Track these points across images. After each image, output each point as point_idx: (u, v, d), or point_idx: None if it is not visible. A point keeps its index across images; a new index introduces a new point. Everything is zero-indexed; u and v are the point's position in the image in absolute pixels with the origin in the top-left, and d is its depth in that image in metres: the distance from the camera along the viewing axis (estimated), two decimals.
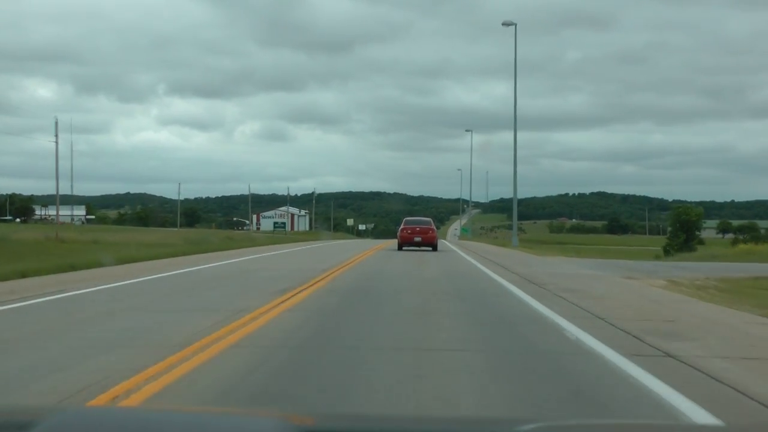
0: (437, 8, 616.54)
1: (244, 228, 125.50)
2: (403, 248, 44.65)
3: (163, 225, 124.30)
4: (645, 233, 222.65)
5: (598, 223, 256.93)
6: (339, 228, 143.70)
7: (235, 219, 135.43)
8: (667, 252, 70.54)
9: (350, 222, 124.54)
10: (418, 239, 44.47)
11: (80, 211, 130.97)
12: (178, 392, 7.43)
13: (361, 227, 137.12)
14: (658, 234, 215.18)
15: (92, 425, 2.33)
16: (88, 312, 13.69)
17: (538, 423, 2.88)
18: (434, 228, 46.93)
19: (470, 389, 7.78)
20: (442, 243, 56.06)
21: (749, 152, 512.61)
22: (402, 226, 46.38)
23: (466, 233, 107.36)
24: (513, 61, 58.87)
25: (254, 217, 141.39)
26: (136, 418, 2.51)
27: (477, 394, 7.61)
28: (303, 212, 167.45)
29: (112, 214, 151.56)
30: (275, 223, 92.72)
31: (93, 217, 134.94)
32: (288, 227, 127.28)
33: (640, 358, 9.39)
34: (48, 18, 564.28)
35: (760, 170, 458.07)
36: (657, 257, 66.22)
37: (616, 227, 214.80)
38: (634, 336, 11.28)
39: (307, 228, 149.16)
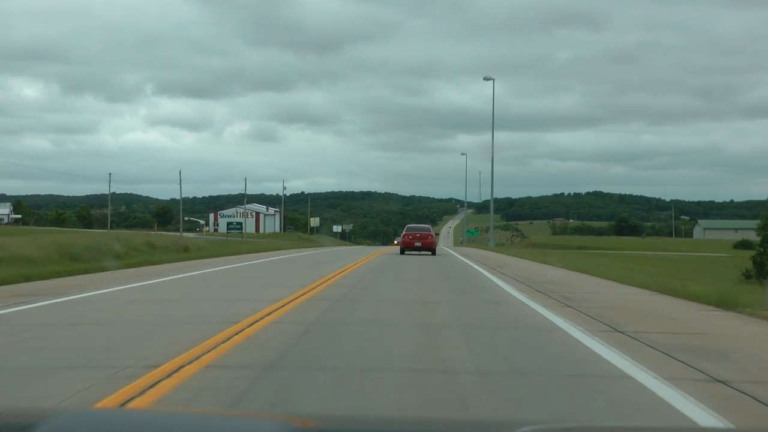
0: (427, 7, 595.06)
1: (200, 229, 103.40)
2: (405, 252, 46.29)
3: (111, 226, 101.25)
4: (653, 234, 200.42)
5: (604, 224, 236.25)
6: (318, 230, 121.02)
7: (187, 218, 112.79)
8: (761, 266, 48.69)
9: (314, 222, 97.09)
10: (418, 244, 45.99)
11: (3, 210, 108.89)
12: None
13: (336, 228, 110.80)
14: (680, 236, 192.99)
15: (93, 427, 2.30)
16: None
17: (538, 425, 2.73)
18: (433, 234, 48.50)
19: None
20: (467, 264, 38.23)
21: (741, 152, 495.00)
22: (404, 232, 48.10)
23: (473, 236, 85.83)
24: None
25: (211, 216, 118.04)
26: (137, 420, 2.48)
27: None
28: (272, 210, 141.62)
29: (52, 213, 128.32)
30: (229, 223, 70.32)
31: (20, 216, 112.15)
32: (251, 228, 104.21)
33: None
34: (34, 16, 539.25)
35: (753, 170, 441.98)
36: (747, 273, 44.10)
37: (625, 228, 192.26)
38: None
39: (277, 229, 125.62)
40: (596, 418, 6.47)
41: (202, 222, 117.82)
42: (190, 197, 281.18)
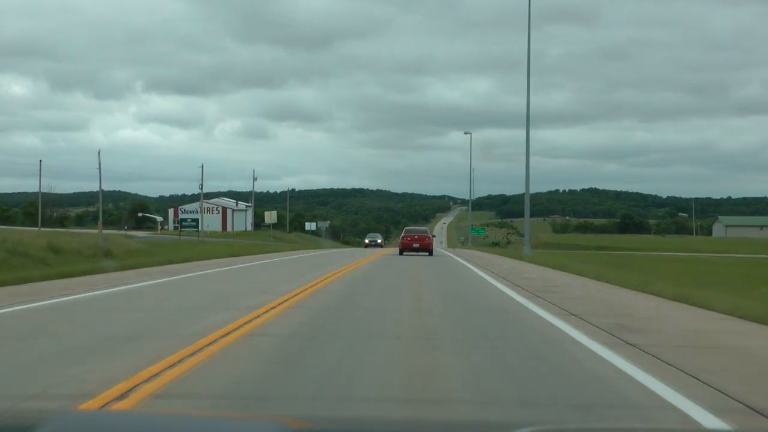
0: (417, 3, 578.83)
1: (164, 227, 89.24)
2: (404, 253, 45.54)
3: (61, 224, 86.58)
4: (659, 232, 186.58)
5: (603, 221, 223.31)
6: (299, 227, 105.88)
7: (141, 215, 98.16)
8: None
9: (270, 218, 78.44)
10: (416, 245, 45.55)
11: None
12: None
13: (309, 226, 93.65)
14: (692, 233, 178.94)
15: (92, 429, 2.28)
16: None
17: (535, 427, 2.67)
18: (430, 236, 47.94)
19: None
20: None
21: (733, 149, 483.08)
22: (403, 234, 47.82)
23: (480, 234, 72.36)
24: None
25: (170, 212, 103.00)
26: (135, 422, 2.46)
27: None
28: (243, 206, 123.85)
29: None
30: (182, 220, 56.24)
31: None
32: (217, 226, 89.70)
33: None
34: (20, 12, 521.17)
35: (746, 167, 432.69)
36: None
37: (629, 225, 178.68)
38: None
39: (248, 227, 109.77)
40: None
41: (159, 219, 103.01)
42: (179, 194, 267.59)
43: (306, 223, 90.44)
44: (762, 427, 5.98)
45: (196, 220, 56.07)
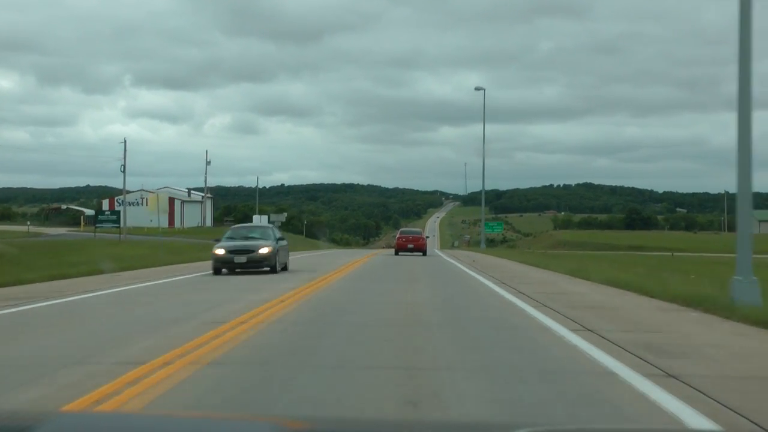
0: None
1: (84, 222, 74.09)
2: (399, 253, 46.80)
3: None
4: (663, 229, 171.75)
5: (607, 216, 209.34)
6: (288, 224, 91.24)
7: (65, 207, 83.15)
8: None
9: (158, 206, 56.39)
10: (411, 246, 47.59)
11: None
12: None
13: (258, 219, 75.26)
14: (699, 229, 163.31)
15: (90, 430, 2.24)
16: None
17: (535, 427, 2.61)
18: (424, 237, 49.71)
19: None
20: None
21: (725, 144, 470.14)
22: (398, 236, 50.66)
23: (496, 231, 59.54)
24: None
25: (105, 203, 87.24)
26: (133, 423, 2.40)
27: None
28: (199, 196, 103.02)
29: None
30: (99, 214, 42.40)
31: None
32: (162, 221, 74.90)
33: None
34: (6, 5, 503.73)
35: (735, 163, 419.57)
36: None
37: (637, 221, 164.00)
38: None
39: (206, 222, 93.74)
40: None
41: (89, 213, 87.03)
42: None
43: (254, 217, 72.66)
44: (747, 429, 5.80)
45: (117, 213, 41.28)
